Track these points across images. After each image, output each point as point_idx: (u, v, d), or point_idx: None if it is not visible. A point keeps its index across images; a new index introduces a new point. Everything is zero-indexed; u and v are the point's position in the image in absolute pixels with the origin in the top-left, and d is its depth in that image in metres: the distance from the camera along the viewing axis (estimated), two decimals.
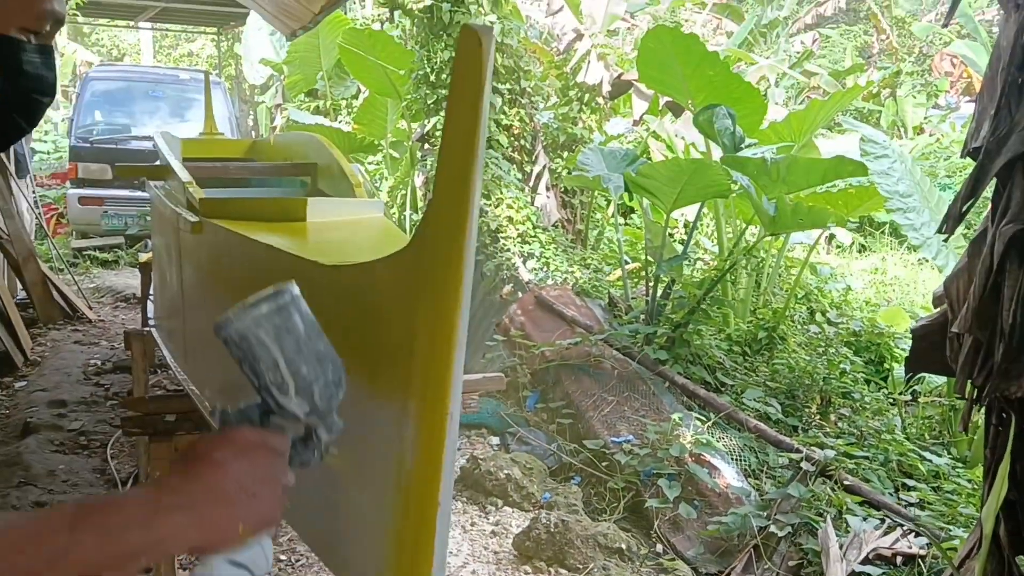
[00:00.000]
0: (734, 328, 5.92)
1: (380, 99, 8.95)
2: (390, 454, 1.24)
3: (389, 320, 1.22)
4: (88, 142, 10.41)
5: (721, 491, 4.12)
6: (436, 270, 1.06)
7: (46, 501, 3.70)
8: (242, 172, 4.43)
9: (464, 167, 0.99)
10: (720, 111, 4.99)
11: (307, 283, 1.54)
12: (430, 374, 1.10)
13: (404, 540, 1.21)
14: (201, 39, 21.88)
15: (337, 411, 1.04)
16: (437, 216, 1.04)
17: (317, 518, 1.63)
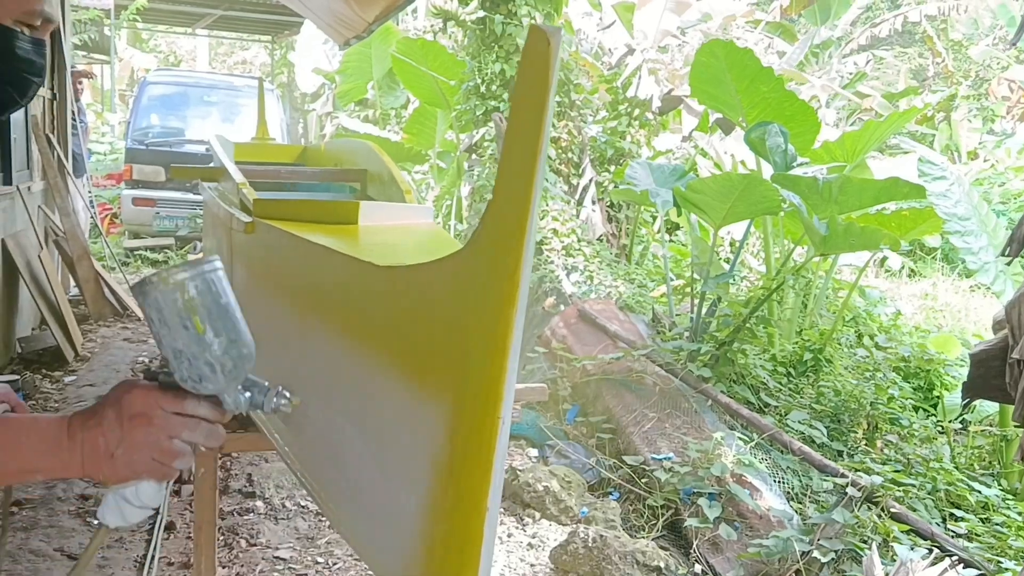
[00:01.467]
0: (779, 348, 5.84)
1: (430, 109, 9.02)
2: (432, 456, 1.24)
3: (442, 323, 1.21)
4: (143, 144, 10.63)
5: (762, 513, 4.05)
6: (493, 274, 1.05)
7: (91, 495, 3.76)
8: (293, 176, 4.48)
9: (526, 169, 0.98)
10: (773, 128, 4.94)
11: (361, 284, 1.55)
12: (483, 379, 1.09)
13: (448, 545, 1.20)
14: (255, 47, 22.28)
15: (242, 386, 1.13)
16: (496, 219, 1.03)
17: (346, 503, 1.63)
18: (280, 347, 2.21)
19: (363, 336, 1.53)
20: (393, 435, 1.40)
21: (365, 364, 1.53)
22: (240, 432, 2.64)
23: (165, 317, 1.04)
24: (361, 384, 1.54)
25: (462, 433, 1.15)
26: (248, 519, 3.67)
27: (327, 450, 1.75)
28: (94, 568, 3.18)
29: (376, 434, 1.46)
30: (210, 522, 2.60)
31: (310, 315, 1.87)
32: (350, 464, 1.59)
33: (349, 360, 1.60)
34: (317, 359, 1.82)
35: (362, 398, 1.53)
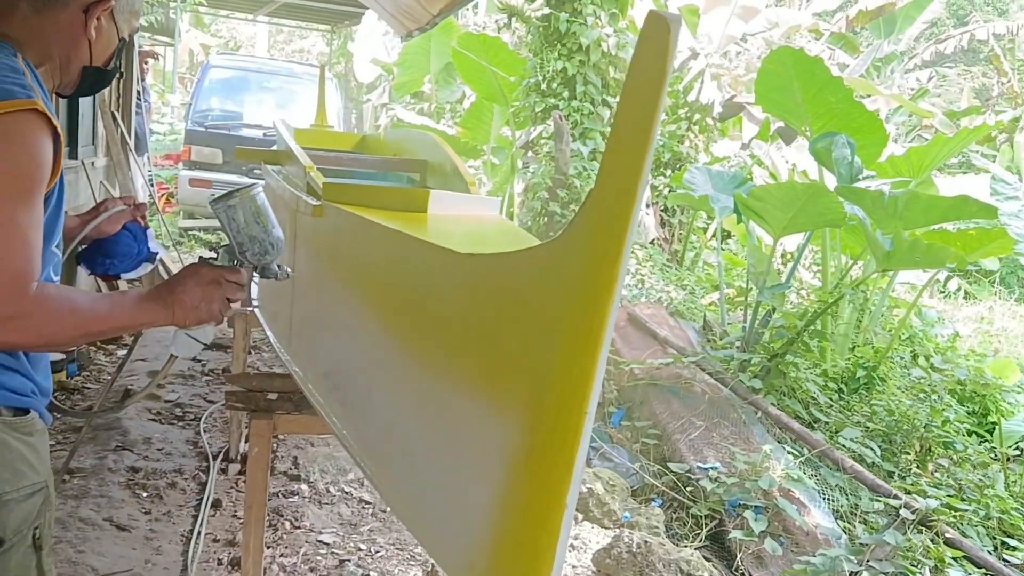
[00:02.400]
0: (831, 364, 5.73)
1: (487, 104, 9.02)
2: (506, 449, 1.21)
3: (527, 313, 1.19)
4: (203, 127, 10.77)
5: (809, 530, 3.97)
6: (591, 263, 1.03)
7: (141, 467, 3.81)
8: (354, 164, 4.48)
9: (634, 158, 0.95)
10: (839, 140, 4.85)
11: (438, 271, 1.53)
12: (572, 372, 1.07)
13: (521, 540, 1.18)
14: (313, 36, 22.49)
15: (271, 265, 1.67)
16: (599, 206, 1.00)
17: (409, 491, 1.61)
18: (343, 330, 2.20)
19: (436, 324, 1.51)
20: (464, 427, 1.38)
21: (437, 352, 1.52)
22: (295, 415, 2.65)
23: (245, 216, 1.61)
24: (431, 372, 1.52)
25: (543, 428, 1.12)
26: (293, 501, 3.69)
27: (390, 438, 1.73)
28: (142, 540, 3.22)
29: (446, 425, 1.44)
30: (260, 503, 2.61)
31: (379, 300, 1.86)
32: (416, 453, 1.57)
33: (419, 347, 1.59)
34: (384, 345, 1.81)
35: (432, 387, 1.51)
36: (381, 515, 3.66)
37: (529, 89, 7.56)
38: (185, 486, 3.72)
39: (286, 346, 2.97)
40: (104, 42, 1.67)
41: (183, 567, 3.06)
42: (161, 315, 1.53)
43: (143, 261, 1.97)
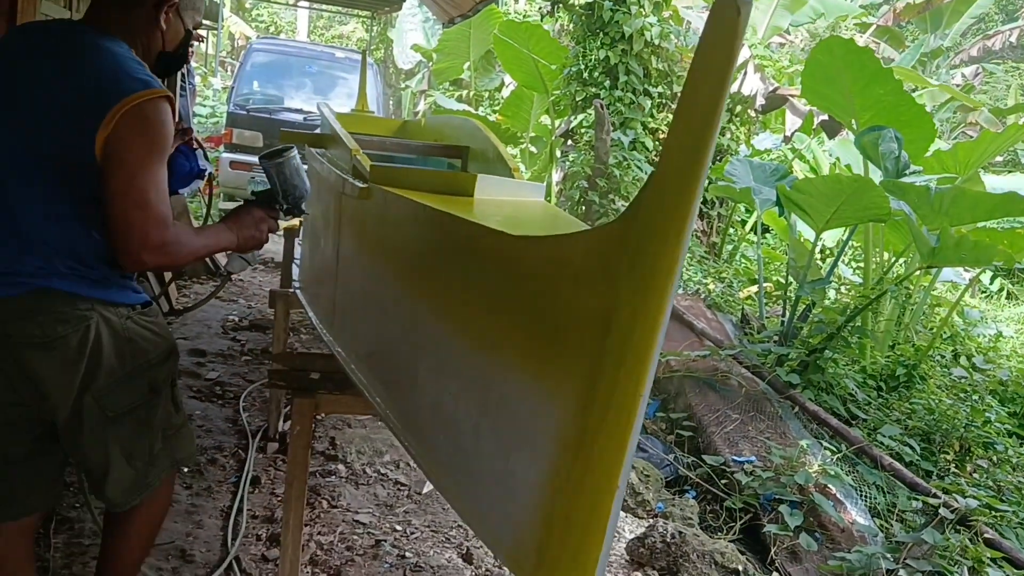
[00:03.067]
0: (870, 361, 5.67)
1: (527, 92, 9.01)
2: (558, 429, 1.22)
3: (582, 295, 1.19)
4: (244, 110, 10.85)
5: (845, 527, 3.95)
6: (651, 246, 1.03)
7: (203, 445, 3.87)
8: (396, 148, 4.51)
9: (699, 141, 0.95)
10: (887, 133, 4.78)
11: (489, 253, 1.54)
12: (628, 354, 1.07)
13: (571, 520, 1.19)
14: (353, 22, 22.57)
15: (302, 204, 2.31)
16: (661, 188, 1.00)
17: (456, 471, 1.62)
18: (389, 311, 2.22)
19: (487, 305, 1.52)
20: (515, 406, 1.39)
21: (487, 333, 1.53)
22: (337, 394, 2.67)
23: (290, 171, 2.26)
24: (481, 354, 1.53)
25: (596, 408, 1.13)
26: (330, 481, 3.73)
27: (436, 417, 1.75)
28: (183, 515, 3.28)
29: (495, 404, 1.45)
30: (301, 480, 2.64)
31: (427, 281, 1.87)
32: (463, 432, 1.58)
33: (469, 328, 1.60)
34: (431, 326, 1.82)
35: (481, 367, 1.52)
36: (416, 497, 3.69)
37: (570, 77, 7.54)
38: (225, 463, 3.77)
39: (328, 327, 3.00)
40: (172, 32, 2.12)
41: (223, 541, 3.11)
42: (232, 239, 2.19)
43: (195, 178, 2.54)
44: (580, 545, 1.16)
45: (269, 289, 4.43)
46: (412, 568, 3.05)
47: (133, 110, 1.85)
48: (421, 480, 3.84)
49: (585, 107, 7.40)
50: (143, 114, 1.87)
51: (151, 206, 1.87)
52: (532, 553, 1.27)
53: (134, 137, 1.87)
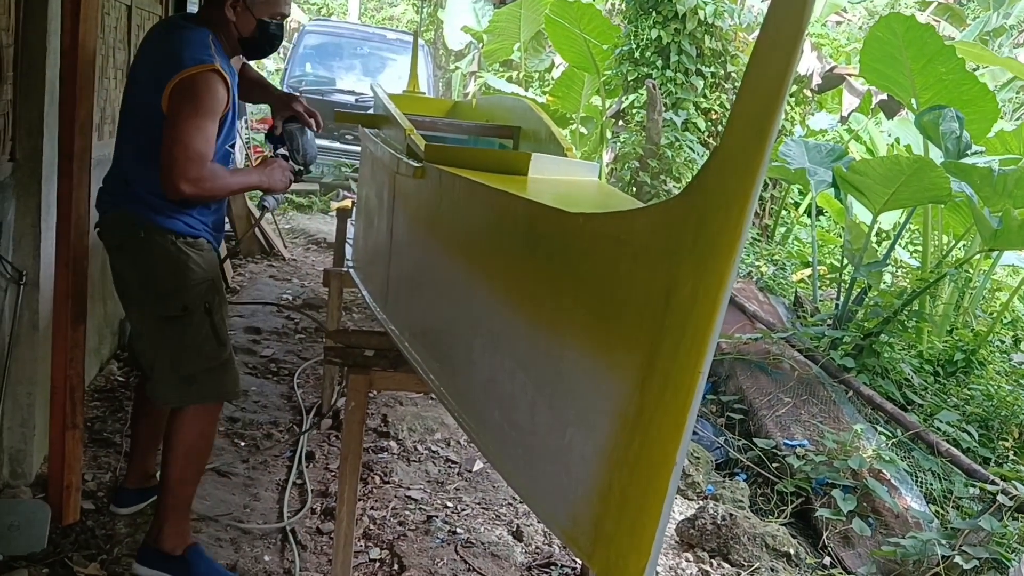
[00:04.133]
0: (927, 346, 5.56)
1: (578, 73, 8.95)
2: (616, 405, 1.22)
3: (641, 271, 1.19)
4: (297, 91, 10.96)
5: (899, 512, 3.89)
6: (713, 222, 1.02)
7: (239, 418, 3.96)
8: (447, 129, 4.52)
9: (765, 114, 0.94)
10: (948, 113, 4.66)
11: (547, 231, 1.54)
12: (688, 331, 1.07)
13: (627, 495, 1.19)
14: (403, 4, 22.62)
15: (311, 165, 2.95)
16: (724, 163, 1.00)
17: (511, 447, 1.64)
18: (444, 289, 2.24)
19: (544, 283, 1.53)
20: (571, 383, 1.40)
21: (545, 310, 1.53)
22: (391, 372, 2.70)
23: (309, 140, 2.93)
24: (538, 331, 1.54)
25: (655, 384, 1.13)
26: (382, 457, 3.78)
27: (492, 394, 1.76)
28: (241, 487, 3.36)
29: (553, 381, 1.46)
30: (356, 454, 2.68)
31: (483, 259, 1.89)
32: (519, 409, 1.59)
33: (526, 306, 1.60)
34: (487, 303, 1.83)
35: (538, 345, 1.53)
36: (467, 475, 3.73)
37: (622, 57, 7.47)
38: (280, 438, 3.85)
39: (382, 305, 3.03)
40: (243, 22, 2.61)
41: (279, 514, 3.18)
42: (262, 181, 2.72)
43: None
44: (637, 521, 1.16)
45: (323, 268, 4.48)
46: (463, 544, 3.09)
47: (184, 80, 2.41)
48: (471, 458, 3.88)
49: (637, 87, 7.33)
50: (191, 83, 2.41)
51: (191, 147, 2.38)
52: (588, 529, 1.28)
53: (184, 100, 2.41)
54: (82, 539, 2.81)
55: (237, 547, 2.92)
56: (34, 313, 3.00)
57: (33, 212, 2.97)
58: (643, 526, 1.16)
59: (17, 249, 2.95)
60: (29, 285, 2.94)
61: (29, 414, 3.06)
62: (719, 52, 7.14)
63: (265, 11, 2.61)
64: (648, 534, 1.16)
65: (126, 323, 4.59)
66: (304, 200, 10.49)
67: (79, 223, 2.89)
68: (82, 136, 2.89)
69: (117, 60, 4.26)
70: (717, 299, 1.03)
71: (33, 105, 2.95)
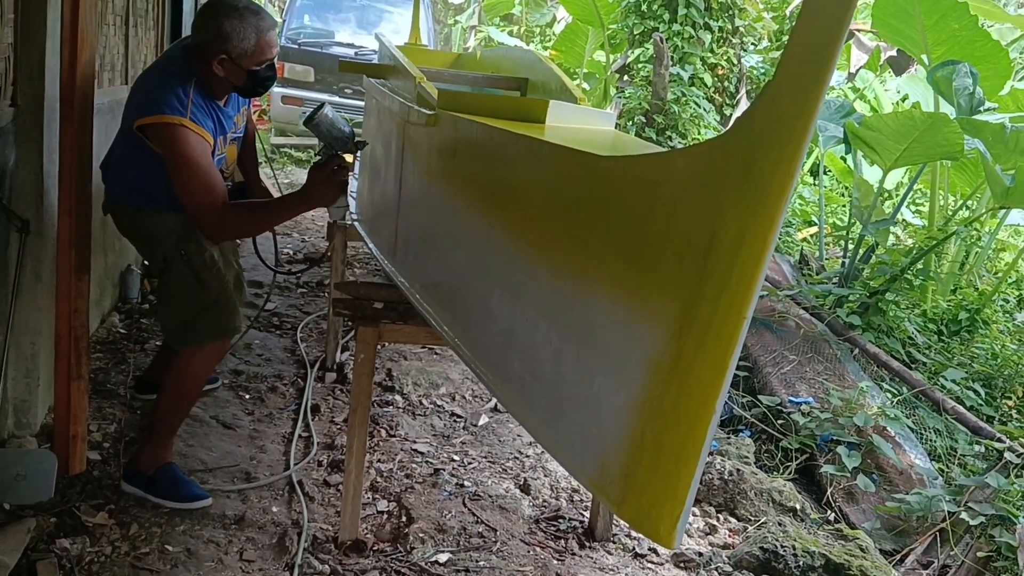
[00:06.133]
0: (931, 304, 5.55)
1: (581, 27, 8.81)
2: (650, 352, 1.19)
3: (680, 215, 1.15)
4: (296, 44, 10.79)
5: (903, 469, 3.90)
6: (764, 161, 0.98)
7: (243, 371, 3.93)
8: (453, 80, 4.45)
9: (825, 45, 0.90)
10: (962, 68, 4.58)
11: (575, 176, 1.50)
12: (733, 275, 1.04)
13: (662, 444, 1.17)
14: None
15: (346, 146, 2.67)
16: (777, 98, 0.95)
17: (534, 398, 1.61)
18: (459, 239, 2.20)
19: (571, 230, 1.49)
20: (600, 332, 1.36)
21: (569, 259, 1.50)
22: (400, 324, 2.68)
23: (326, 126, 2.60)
24: (563, 279, 1.50)
25: (695, 331, 1.10)
26: (387, 411, 3.77)
27: (512, 344, 1.73)
28: (247, 439, 3.34)
29: (579, 329, 1.43)
30: (364, 407, 2.67)
31: (503, 208, 1.84)
32: (542, 359, 1.56)
33: (550, 253, 1.57)
34: (508, 252, 1.79)
35: (563, 293, 1.50)
36: (472, 429, 3.72)
37: (628, 10, 7.34)
38: (285, 391, 3.83)
39: (390, 258, 2.99)
40: (232, 75, 2.69)
41: (285, 466, 3.17)
42: (304, 206, 2.69)
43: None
44: (672, 471, 1.14)
45: (327, 222, 4.42)
46: (471, 497, 3.08)
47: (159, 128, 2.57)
48: (477, 412, 3.87)
49: (643, 41, 7.22)
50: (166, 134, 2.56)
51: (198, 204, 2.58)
52: (619, 478, 1.25)
53: (170, 152, 2.57)
54: (89, 489, 2.79)
55: (244, 498, 2.91)
56: (37, 262, 2.95)
57: (35, 159, 2.91)
58: (678, 476, 1.14)
59: (19, 197, 2.89)
60: (32, 234, 2.89)
61: (33, 364, 3.03)
62: (727, 5, 7.02)
63: (252, 62, 2.67)
64: (684, 484, 1.14)
65: (127, 275, 4.54)
66: (303, 155, 10.39)
67: (82, 171, 2.83)
68: (84, 82, 2.82)
69: (116, 5, 4.16)
70: (766, 242, 1.00)
71: (34, 49, 2.87)
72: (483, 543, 2.80)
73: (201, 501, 2.81)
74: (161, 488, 2.79)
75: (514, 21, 14.39)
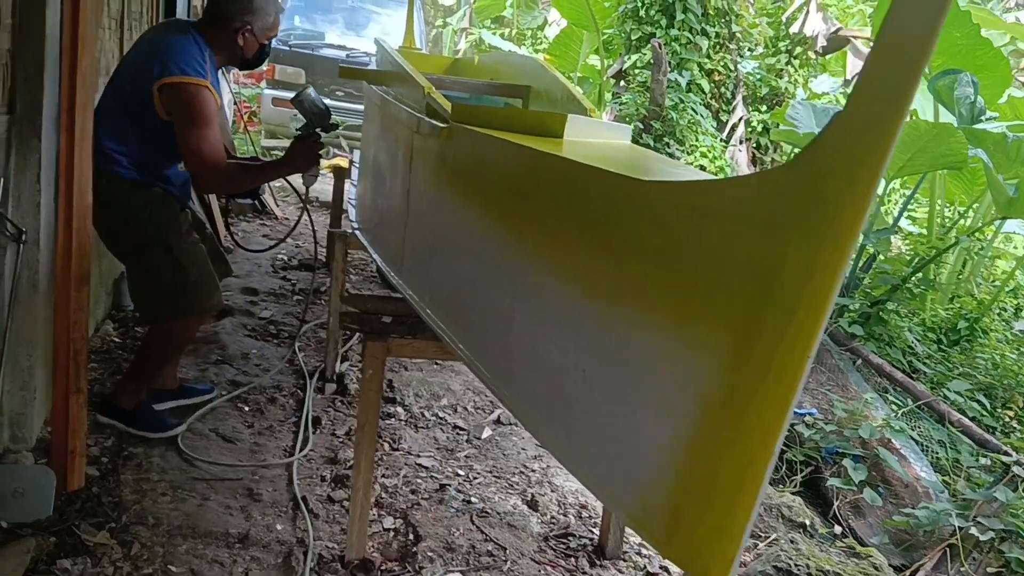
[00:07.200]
0: (930, 313, 5.54)
1: (576, 31, 8.77)
2: (699, 387, 1.15)
3: (733, 245, 1.11)
4: (287, 46, 10.68)
5: (909, 482, 3.88)
6: (834, 192, 0.94)
7: (241, 381, 3.86)
8: (453, 87, 4.39)
9: (905, 71, 0.85)
10: (963, 77, 4.57)
11: (609, 199, 1.45)
12: (799, 308, 0.99)
13: (716, 483, 1.12)
14: None
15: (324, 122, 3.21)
16: (852, 128, 0.91)
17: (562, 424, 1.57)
18: (476, 256, 2.15)
19: (606, 254, 1.44)
20: (640, 360, 1.31)
21: (602, 283, 1.45)
22: (409, 339, 2.62)
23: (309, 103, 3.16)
24: (596, 303, 1.45)
25: (754, 367, 1.05)
26: (390, 424, 3.71)
27: (537, 366, 1.68)
28: (248, 451, 3.28)
29: (613, 357, 1.38)
30: (372, 423, 2.61)
31: (527, 227, 1.79)
32: (572, 384, 1.51)
33: (581, 278, 1.52)
34: (531, 273, 1.74)
35: (596, 318, 1.45)
36: (476, 442, 3.67)
37: (625, 15, 7.31)
38: (284, 403, 3.76)
39: (396, 269, 2.93)
40: (249, 47, 3.08)
41: (288, 480, 3.10)
42: (287, 169, 3.17)
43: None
44: (727, 510, 1.09)
45: (327, 230, 4.36)
46: (478, 514, 3.03)
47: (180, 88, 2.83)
48: (480, 425, 3.81)
49: (640, 47, 7.18)
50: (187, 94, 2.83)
51: (203, 158, 2.86)
52: (663, 515, 1.20)
53: (185, 112, 2.84)
54: (88, 507, 2.72)
55: (248, 515, 2.85)
56: (34, 273, 2.88)
57: (33, 167, 2.83)
58: (734, 516, 1.09)
59: (17, 206, 2.81)
60: (29, 244, 2.82)
61: (30, 376, 2.95)
62: (724, 11, 6.99)
63: (266, 36, 3.10)
64: (739, 524, 1.09)
65: (121, 282, 4.46)
66: None
67: (82, 180, 2.77)
68: (84, 88, 2.75)
69: (112, 8, 4.09)
70: (835, 276, 0.95)
71: (32, 54, 2.79)
72: (493, 562, 2.74)
73: (176, 428, 3.21)
74: (139, 422, 3.16)
75: (505, 23, 14.34)
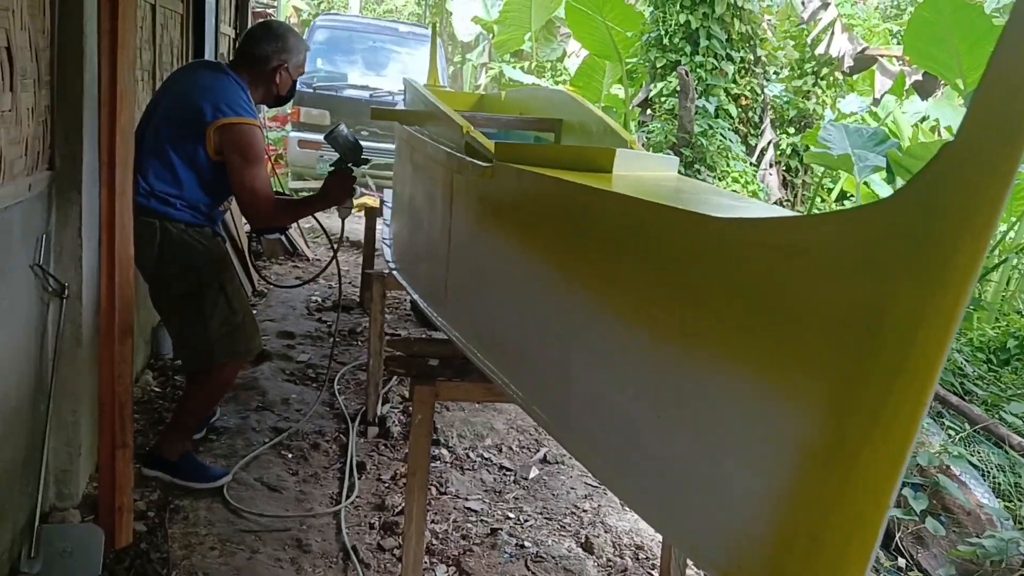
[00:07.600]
0: (977, 332, 5.41)
1: (599, 61, 8.78)
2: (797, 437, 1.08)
3: (830, 288, 1.04)
4: (311, 88, 10.78)
5: (971, 509, 3.75)
6: (946, 233, 0.87)
7: (283, 427, 3.83)
8: (484, 123, 4.37)
9: None
10: None
11: (678, 238, 1.39)
12: (910, 356, 0.92)
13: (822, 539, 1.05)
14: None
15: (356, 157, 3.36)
16: (965, 161, 0.85)
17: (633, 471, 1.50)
18: (528, 297, 2.10)
19: (672, 294, 1.38)
20: (721, 407, 1.25)
21: (674, 326, 1.39)
22: (457, 381, 2.57)
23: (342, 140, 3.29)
24: (668, 346, 1.39)
25: (862, 417, 0.98)
26: (435, 466, 3.65)
27: (604, 413, 1.62)
28: (294, 500, 3.23)
29: (692, 404, 1.32)
30: (424, 469, 2.55)
31: (584, 268, 1.74)
32: (645, 432, 1.45)
33: (649, 320, 1.46)
34: (590, 316, 1.69)
35: (670, 362, 1.39)
36: (523, 483, 3.60)
37: (649, 44, 7.29)
38: (327, 448, 3.71)
39: (439, 310, 2.89)
40: (283, 84, 3.26)
41: (336, 530, 3.05)
42: (325, 203, 3.32)
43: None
44: (837, 566, 1.02)
45: (362, 271, 4.34)
46: (533, 559, 2.95)
47: (235, 129, 2.97)
48: (526, 465, 3.74)
49: (665, 75, 7.16)
50: (241, 134, 2.98)
51: (257, 194, 3.03)
52: (761, 571, 1.14)
53: (240, 150, 2.98)
54: (137, 564, 2.69)
55: (298, 567, 2.79)
56: (77, 327, 2.87)
57: (74, 222, 2.83)
58: (845, 572, 1.02)
59: (58, 261, 2.81)
60: (72, 298, 2.81)
61: (74, 432, 2.93)
62: (748, 36, 6.96)
63: (298, 73, 3.28)
64: None
65: (159, 331, 4.45)
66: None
67: (123, 233, 2.76)
68: (124, 142, 2.76)
69: (144, 60, 4.12)
70: (951, 320, 0.89)
71: (71, 110, 2.81)
72: None
73: (222, 479, 3.21)
74: (184, 472, 3.17)
75: (524, 57, 14.41)
